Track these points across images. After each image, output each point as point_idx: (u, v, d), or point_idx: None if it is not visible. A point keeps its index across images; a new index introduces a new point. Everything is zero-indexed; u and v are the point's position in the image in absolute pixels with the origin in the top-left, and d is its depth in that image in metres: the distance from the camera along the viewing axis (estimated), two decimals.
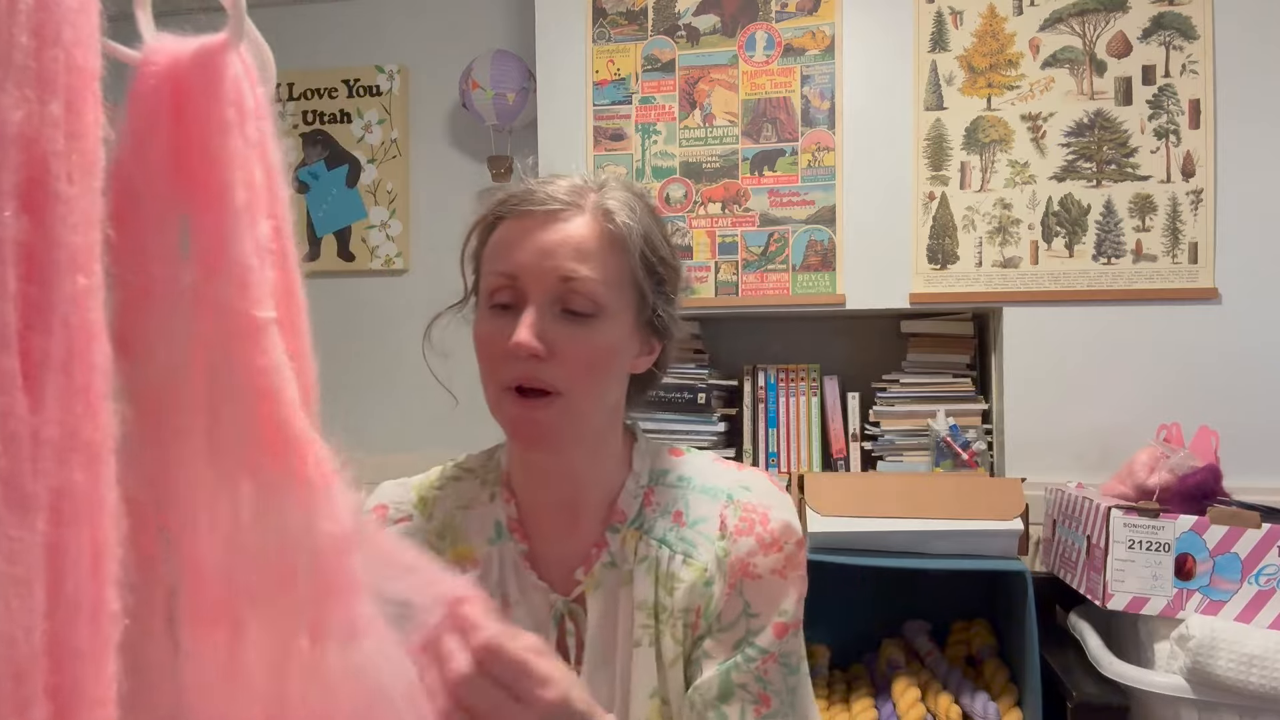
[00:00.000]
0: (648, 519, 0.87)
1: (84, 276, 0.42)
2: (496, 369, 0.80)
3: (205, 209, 0.50)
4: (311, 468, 0.51)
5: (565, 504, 0.87)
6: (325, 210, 2.65)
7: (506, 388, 0.79)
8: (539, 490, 0.88)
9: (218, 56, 0.53)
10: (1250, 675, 1.36)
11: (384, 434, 2.59)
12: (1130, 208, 1.96)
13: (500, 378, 0.80)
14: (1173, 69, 1.95)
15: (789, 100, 2.10)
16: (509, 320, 0.79)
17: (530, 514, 0.88)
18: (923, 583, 1.89)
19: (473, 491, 0.90)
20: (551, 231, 0.80)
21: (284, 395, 0.51)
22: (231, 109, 0.52)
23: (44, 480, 0.40)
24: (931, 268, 2.03)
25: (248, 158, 0.52)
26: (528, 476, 0.88)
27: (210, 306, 0.49)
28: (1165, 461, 1.68)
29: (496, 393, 0.81)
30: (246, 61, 0.56)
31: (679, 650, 0.83)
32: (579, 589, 0.85)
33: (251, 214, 0.51)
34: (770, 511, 0.86)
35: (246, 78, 0.55)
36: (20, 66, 0.40)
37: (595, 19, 2.18)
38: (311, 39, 2.67)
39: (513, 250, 0.81)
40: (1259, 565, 1.46)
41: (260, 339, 0.50)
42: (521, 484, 0.89)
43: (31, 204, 0.40)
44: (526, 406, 0.79)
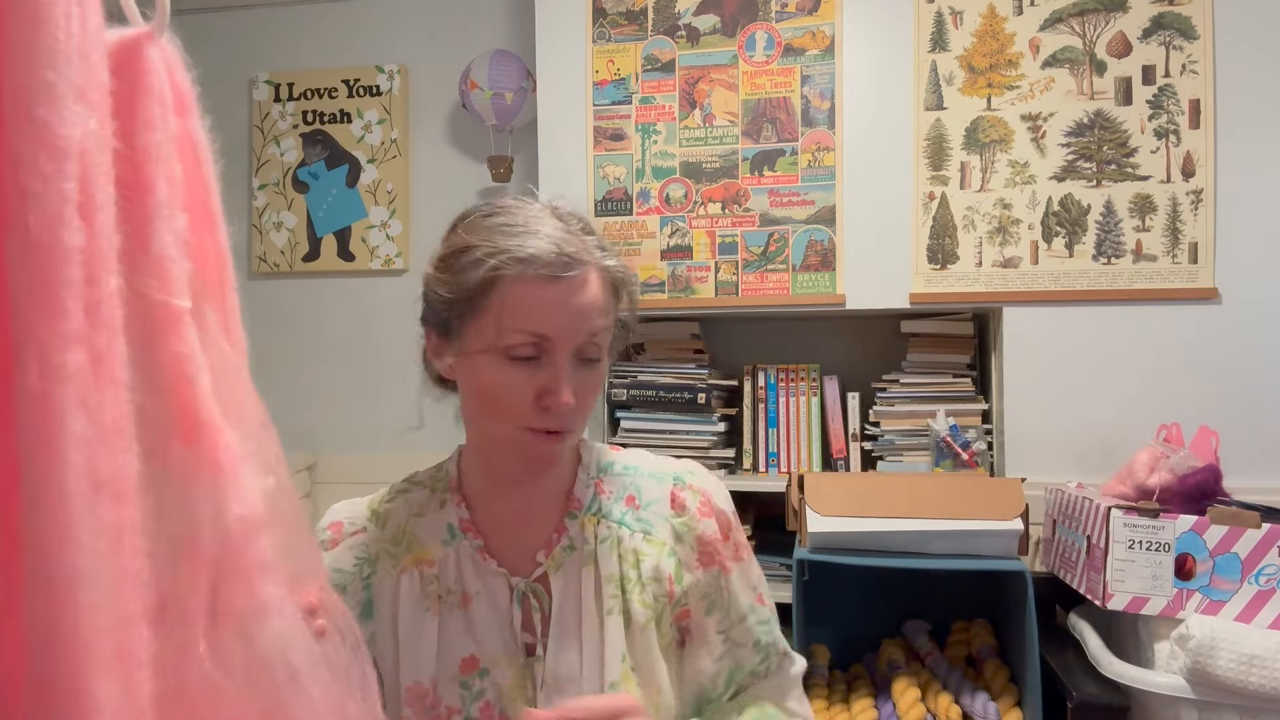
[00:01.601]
0: (604, 505, 0.95)
1: (115, 277, 0.46)
2: (519, 414, 0.85)
3: (129, 202, 0.51)
4: (222, 452, 0.53)
5: (524, 500, 0.94)
6: (325, 210, 2.65)
7: (530, 430, 0.86)
8: (506, 492, 0.94)
9: (141, 49, 0.53)
10: (1250, 675, 1.36)
11: (384, 433, 2.59)
12: (1130, 208, 1.96)
13: (525, 422, 0.86)
14: (1173, 69, 1.95)
15: (789, 100, 2.10)
16: (530, 371, 0.85)
17: (486, 513, 0.94)
18: (923, 583, 1.89)
19: (423, 500, 0.96)
20: (580, 296, 0.85)
21: (198, 383, 0.52)
22: (155, 103, 0.53)
23: (108, 462, 0.44)
24: (931, 268, 2.03)
25: (169, 151, 0.54)
26: (494, 484, 0.94)
27: (134, 297, 0.50)
28: (1165, 461, 1.68)
29: (514, 432, 0.87)
30: (169, 53, 0.56)
31: (649, 614, 0.90)
32: (540, 570, 0.91)
33: (171, 208, 0.53)
34: (713, 497, 0.98)
35: (168, 69, 0.56)
36: (76, 86, 0.43)
37: (595, 19, 2.18)
38: (311, 39, 2.67)
39: (545, 314, 0.84)
40: (1259, 565, 1.46)
41: (178, 328, 0.52)
42: (483, 490, 0.95)
43: (85, 212, 0.43)
44: (551, 443, 0.87)
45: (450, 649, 0.88)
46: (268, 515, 0.54)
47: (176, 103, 0.56)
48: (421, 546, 0.92)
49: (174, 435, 0.51)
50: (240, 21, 2.72)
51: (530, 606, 0.90)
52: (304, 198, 2.65)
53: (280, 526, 0.55)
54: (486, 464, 0.94)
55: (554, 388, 0.84)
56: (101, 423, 0.43)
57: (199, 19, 2.72)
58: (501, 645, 0.88)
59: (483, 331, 0.85)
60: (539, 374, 0.85)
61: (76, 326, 0.42)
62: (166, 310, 0.51)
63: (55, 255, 0.41)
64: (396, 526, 0.94)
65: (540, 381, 0.84)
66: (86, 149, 0.43)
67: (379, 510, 0.97)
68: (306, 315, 2.67)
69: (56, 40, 0.42)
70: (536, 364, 0.85)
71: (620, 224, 2.16)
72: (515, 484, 0.93)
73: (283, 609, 0.53)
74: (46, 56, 0.41)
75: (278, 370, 2.64)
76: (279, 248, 2.66)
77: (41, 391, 0.41)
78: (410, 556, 0.92)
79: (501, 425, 0.87)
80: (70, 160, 0.42)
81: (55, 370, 0.41)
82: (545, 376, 0.84)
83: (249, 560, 0.52)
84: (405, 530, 0.94)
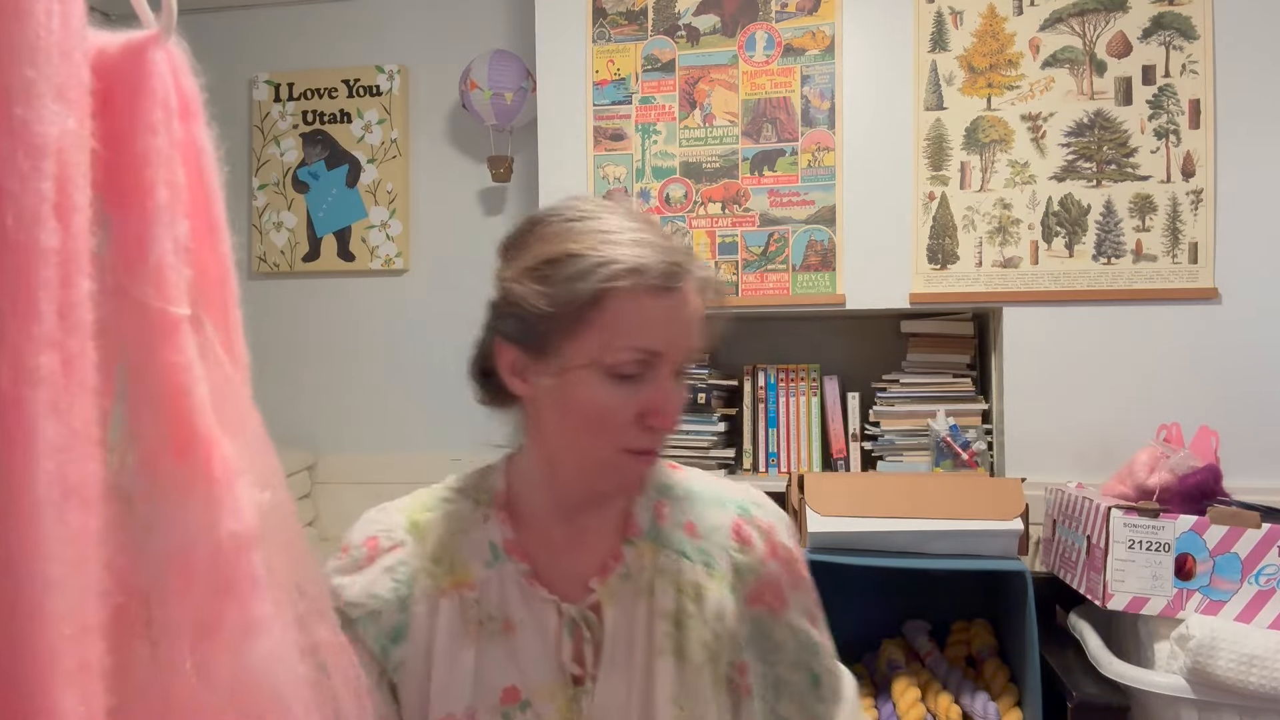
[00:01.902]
0: (663, 532, 0.88)
1: (89, 280, 0.44)
2: (620, 435, 0.80)
3: (126, 207, 0.50)
4: (217, 465, 0.51)
5: (581, 522, 0.88)
6: (325, 210, 2.65)
7: (633, 451, 0.81)
8: (569, 516, 0.87)
9: (145, 52, 0.52)
10: (1250, 675, 1.36)
11: (384, 433, 2.59)
12: (1130, 208, 1.96)
13: (625, 443, 0.80)
14: (1173, 69, 1.95)
15: (789, 100, 2.10)
16: (633, 388, 0.79)
17: (535, 535, 0.87)
18: (923, 583, 1.89)
19: (465, 514, 0.89)
20: (687, 308, 0.80)
21: (194, 393, 0.51)
22: (158, 108, 0.52)
23: (76, 469, 0.42)
24: (931, 268, 2.03)
25: (171, 157, 0.53)
26: (557, 506, 0.87)
27: (127, 303, 0.50)
28: (1165, 461, 1.68)
29: (612, 455, 0.81)
30: (176, 57, 0.55)
31: (706, 654, 0.84)
32: (592, 597, 0.85)
33: (172, 213, 0.52)
34: (777, 532, 0.91)
35: (174, 74, 0.54)
36: (55, 84, 0.42)
37: (595, 19, 2.18)
38: (311, 39, 2.67)
39: (657, 328, 0.78)
40: (1259, 565, 1.46)
41: (174, 336, 0.50)
42: (540, 512, 0.88)
43: (62, 213, 0.42)
44: (646, 464, 0.83)
45: (489, 679, 0.82)
46: (262, 531, 0.52)
47: (181, 108, 0.55)
48: (463, 567, 0.85)
49: (166, 447, 0.50)
50: (240, 21, 2.71)
51: (581, 636, 0.84)
52: (304, 198, 2.65)
53: (276, 542, 0.54)
54: (559, 486, 0.87)
55: (660, 406, 0.79)
56: (72, 428, 0.42)
57: (199, 19, 2.72)
58: (548, 675, 0.82)
59: (586, 347, 0.77)
60: (641, 391, 0.79)
61: (50, 329, 0.41)
62: (163, 318, 0.50)
63: (31, 256, 0.40)
64: (437, 542, 0.87)
65: (644, 399, 0.79)
66: (64, 148, 0.42)
67: (419, 522, 0.88)
68: (306, 315, 2.67)
69: (37, 37, 0.41)
70: (639, 380, 0.78)
71: None
72: (581, 508, 0.87)
73: (272, 628, 0.52)
74: (27, 54, 0.40)
75: (278, 370, 2.64)
76: (279, 248, 2.66)
77: (15, 395, 0.40)
78: (451, 579, 0.85)
79: (599, 447, 0.80)
80: (47, 159, 0.41)
81: (29, 374, 0.40)
82: (649, 394, 0.79)
83: (240, 576, 0.50)
84: (446, 547, 0.86)
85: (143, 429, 0.50)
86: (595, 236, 0.78)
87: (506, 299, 0.81)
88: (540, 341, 0.79)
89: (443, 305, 2.53)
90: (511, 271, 0.81)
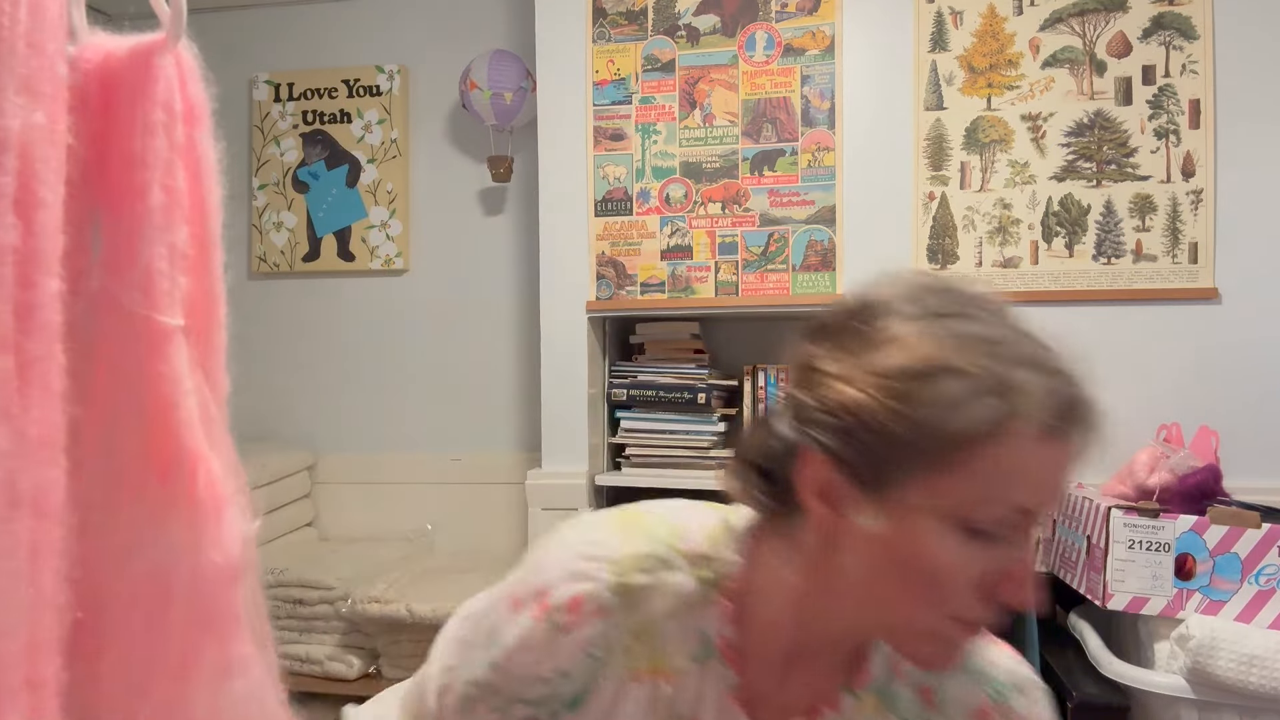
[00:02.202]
0: (894, 689, 0.72)
1: (56, 280, 0.42)
2: (956, 601, 0.62)
3: (119, 208, 0.48)
4: (202, 488, 0.48)
5: (807, 645, 0.70)
6: (325, 210, 2.65)
7: (962, 621, 0.64)
8: (795, 631, 0.70)
9: (152, 56, 0.51)
10: (1250, 675, 1.35)
11: (384, 433, 2.59)
12: (1130, 208, 1.96)
13: (959, 611, 0.63)
14: (1173, 69, 1.95)
15: (789, 100, 2.10)
16: (983, 548, 0.61)
17: (757, 641, 0.70)
18: None
19: (687, 590, 0.69)
20: (1069, 460, 0.63)
21: (181, 408, 0.48)
22: (160, 110, 0.51)
23: (29, 477, 0.40)
24: (932, 268, 2.03)
25: (171, 161, 0.51)
26: (803, 643, 0.70)
27: (114, 309, 0.47)
28: (1165, 461, 1.68)
29: (938, 622, 0.63)
30: (185, 63, 0.53)
31: None
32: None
33: (168, 218, 0.50)
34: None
35: (181, 79, 0.53)
36: (20, 76, 0.40)
37: (595, 19, 2.18)
38: (311, 39, 2.67)
39: (1039, 483, 0.61)
40: (1259, 565, 1.46)
41: (163, 346, 0.48)
42: (775, 634, 0.70)
43: (22, 210, 0.41)
44: (969, 637, 0.65)
45: None
46: (246, 563, 0.50)
47: (186, 113, 0.53)
48: (667, 654, 0.69)
49: (149, 462, 0.47)
50: (240, 21, 2.72)
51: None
52: (304, 198, 2.65)
53: (254, 576, 0.51)
54: (823, 633, 0.70)
55: (1019, 574, 0.62)
56: (25, 435, 0.40)
57: (199, 19, 2.70)
58: None
59: (945, 492, 0.60)
60: (992, 552, 0.61)
61: (4, 331, 0.39)
62: (150, 326, 0.47)
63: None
64: (645, 616, 0.69)
65: (994, 562, 0.61)
66: (29, 142, 0.41)
67: (630, 585, 0.68)
68: (306, 315, 2.67)
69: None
70: (996, 540, 0.61)
71: (620, 224, 2.16)
72: (815, 625, 0.69)
73: (249, 669, 0.49)
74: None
75: (278, 370, 2.64)
76: (279, 248, 2.66)
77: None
78: (649, 663, 0.69)
79: (923, 613, 0.63)
80: (8, 153, 0.40)
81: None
82: (1003, 557, 0.61)
83: (222, 613, 0.48)
84: (655, 626, 0.69)
85: (125, 441, 0.47)
86: (981, 348, 0.61)
87: (842, 405, 0.62)
88: (877, 470, 0.61)
89: (443, 305, 2.53)
90: (850, 370, 0.62)
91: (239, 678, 0.48)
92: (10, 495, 0.39)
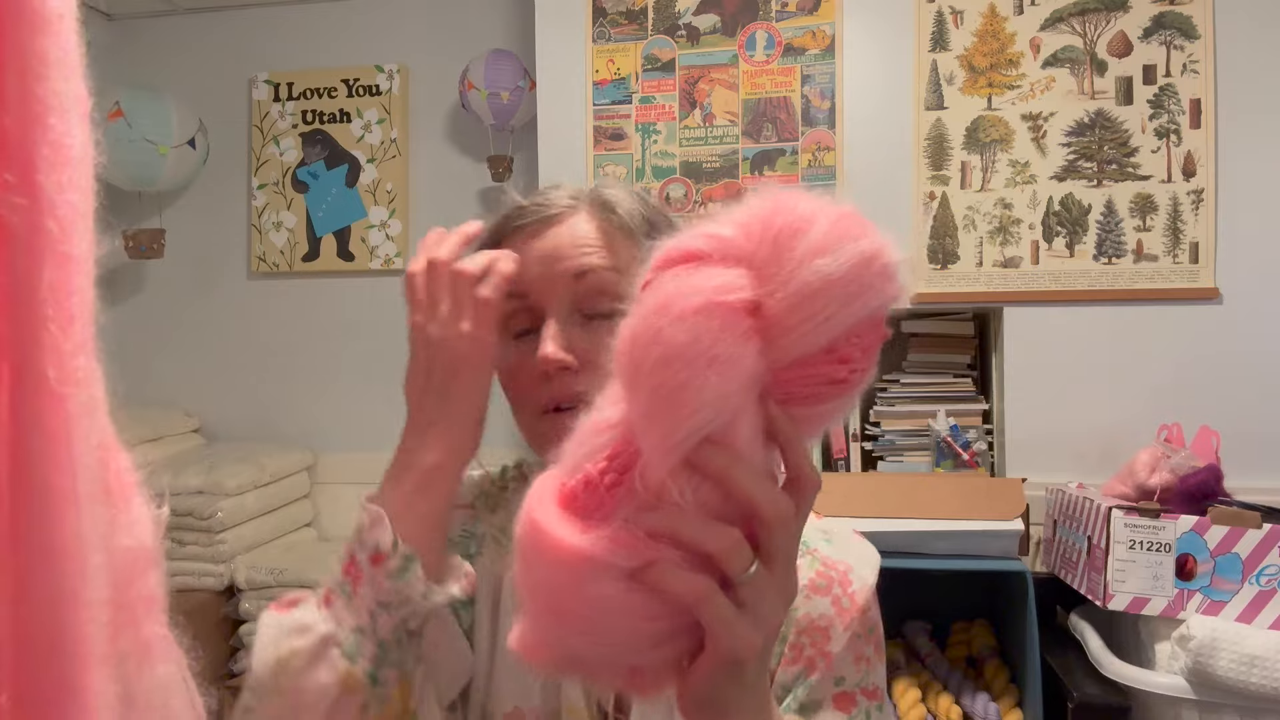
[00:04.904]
0: None
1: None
2: (526, 397, 0.74)
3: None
4: (112, 478, 0.47)
5: None
6: (325, 210, 2.64)
7: (543, 411, 0.73)
8: None
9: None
10: (1251, 676, 1.35)
11: (384, 433, 2.58)
12: (1131, 207, 1.96)
13: (533, 404, 0.74)
14: (1173, 68, 1.94)
15: (789, 100, 2.09)
16: (531, 344, 0.73)
17: None
18: (923, 583, 1.88)
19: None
20: (550, 236, 0.75)
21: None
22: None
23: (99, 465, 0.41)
24: (932, 267, 2.03)
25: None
26: None
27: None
28: (1166, 461, 1.68)
29: (531, 420, 0.74)
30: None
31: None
32: None
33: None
34: (851, 571, 0.78)
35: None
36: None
37: (595, 18, 2.18)
38: (311, 39, 2.67)
39: (523, 271, 0.73)
40: (1260, 565, 1.46)
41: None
42: None
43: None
44: (566, 420, 0.66)
45: (549, 686, 0.73)
46: (158, 549, 0.49)
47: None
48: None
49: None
50: (240, 21, 2.71)
51: None
52: (303, 197, 2.65)
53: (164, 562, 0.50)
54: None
55: (543, 351, 0.71)
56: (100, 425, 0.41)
57: (199, 19, 2.72)
58: (584, 706, 0.73)
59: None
60: (525, 348, 0.74)
61: (86, 331, 0.40)
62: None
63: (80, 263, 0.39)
64: (507, 515, 0.79)
65: (528, 355, 0.73)
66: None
67: (490, 493, 0.84)
68: (306, 315, 2.67)
69: None
70: (536, 336, 0.73)
71: None
72: None
73: (169, 653, 0.48)
74: None
75: (277, 370, 2.64)
76: (278, 248, 2.66)
77: (60, 394, 0.39)
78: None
79: (523, 420, 0.76)
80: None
81: (71, 373, 0.39)
82: (530, 349, 0.73)
83: (134, 597, 0.46)
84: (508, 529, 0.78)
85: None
86: (496, 216, 0.80)
87: None
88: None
89: None
90: None
91: (159, 662, 0.47)
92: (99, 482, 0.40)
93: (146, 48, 2.72)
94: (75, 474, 0.40)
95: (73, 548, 0.40)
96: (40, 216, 0.39)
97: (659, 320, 0.44)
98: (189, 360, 2.70)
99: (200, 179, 2.65)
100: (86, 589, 0.40)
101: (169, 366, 2.68)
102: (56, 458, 0.40)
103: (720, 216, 0.49)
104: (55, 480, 0.39)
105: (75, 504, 0.40)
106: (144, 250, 2.47)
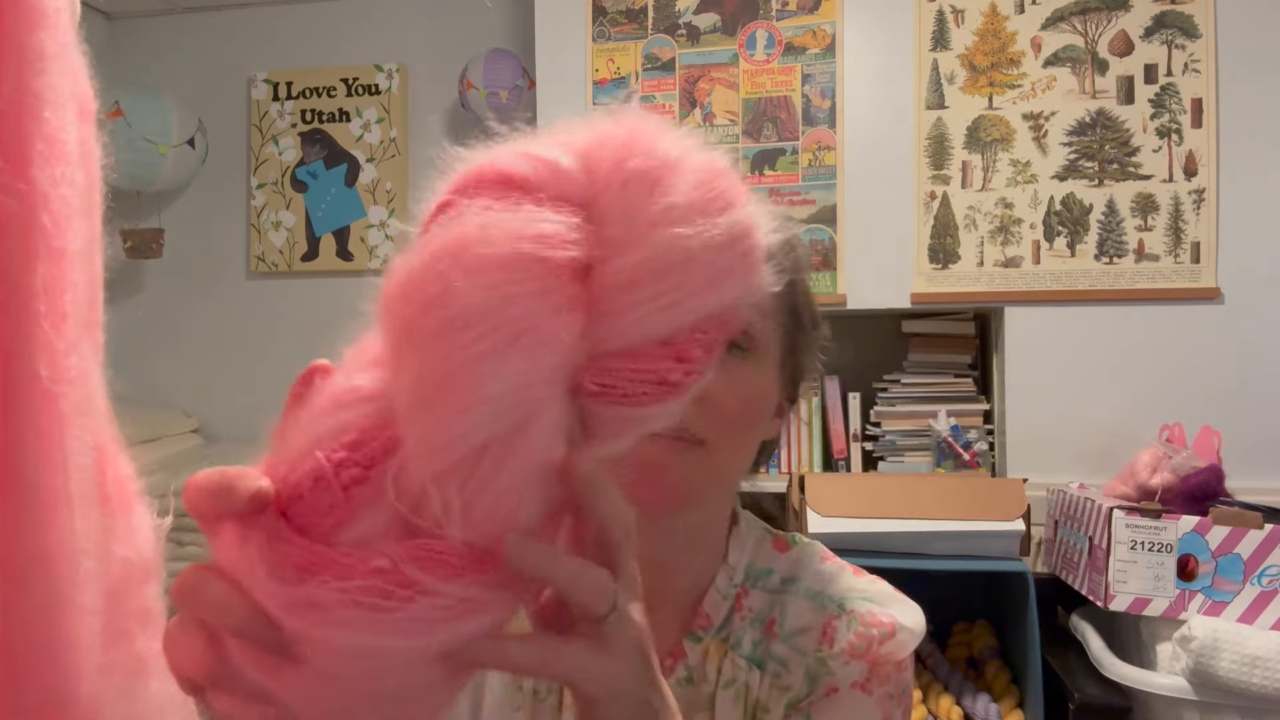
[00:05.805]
0: (735, 629, 0.70)
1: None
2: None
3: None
4: (110, 484, 0.45)
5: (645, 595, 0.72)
6: (324, 210, 2.64)
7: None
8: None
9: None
10: (1253, 676, 1.35)
11: None
12: (1132, 207, 1.95)
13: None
14: (1175, 68, 1.94)
15: (790, 99, 2.09)
16: None
17: None
18: (923, 583, 1.88)
19: None
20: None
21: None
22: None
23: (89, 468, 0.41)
24: (933, 267, 2.03)
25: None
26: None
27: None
28: (1167, 462, 1.68)
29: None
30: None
31: None
32: None
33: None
34: (897, 624, 0.70)
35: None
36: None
37: (595, 18, 2.18)
38: (311, 38, 2.67)
39: None
40: (1261, 566, 1.45)
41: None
42: None
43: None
44: (663, 449, 0.61)
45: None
46: (158, 561, 0.47)
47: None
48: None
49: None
50: (239, 21, 2.71)
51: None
52: (302, 197, 2.65)
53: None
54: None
55: None
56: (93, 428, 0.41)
57: (198, 18, 2.71)
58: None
59: None
60: None
61: (78, 330, 0.39)
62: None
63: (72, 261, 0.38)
64: None
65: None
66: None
67: None
68: (305, 315, 2.66)
69: None
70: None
71: None
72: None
73: (165, 669, 0.46)
74: None
75: (277, 370, 2.64)
76: (277, 247, 2.66)
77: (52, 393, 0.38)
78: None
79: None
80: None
81: (64, 372, 0.38)
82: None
83: (131, 610, 0.45)
84: None
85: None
86: None
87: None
88: None
89: None
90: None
91: (154, 678, 0.45)
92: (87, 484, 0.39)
93: (146, 47, 2.72)
94: (68, 474, 0.39)
95: (66, 550, 0.39)
96: (34, 210, 0.39)
97: (449, 267, 0.33)
98: (188, 360, 2.69)
99: (199, 179, 2.64)
100: (79, 594, 0.40)
101: (168, 366, 2.67)
102: (49, 457, 0.39)
103: (558, 132, 0.38)
104: (47, 480, 0.39)
105: (68, 505, 0.39)
106: (143, 250, 2.46)
